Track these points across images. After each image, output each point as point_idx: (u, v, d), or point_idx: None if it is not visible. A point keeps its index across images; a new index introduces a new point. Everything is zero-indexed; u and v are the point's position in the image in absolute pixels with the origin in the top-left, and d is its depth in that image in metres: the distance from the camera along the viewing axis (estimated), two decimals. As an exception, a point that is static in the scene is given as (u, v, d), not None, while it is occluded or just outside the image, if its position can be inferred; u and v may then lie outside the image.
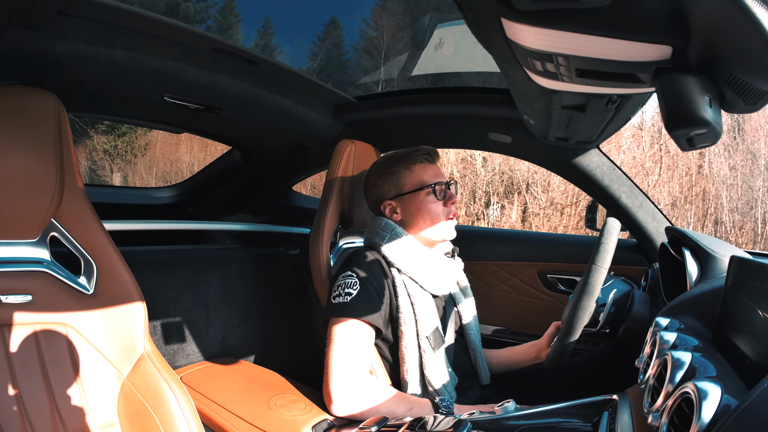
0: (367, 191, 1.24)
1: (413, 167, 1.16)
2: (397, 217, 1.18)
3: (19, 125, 0.81)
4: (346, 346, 1.01)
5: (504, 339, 1.70)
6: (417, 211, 1.15)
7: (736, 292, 0.60)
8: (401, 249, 1.12)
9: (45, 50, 0.94)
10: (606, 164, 1.40)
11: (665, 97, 0.51)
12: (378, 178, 1.19)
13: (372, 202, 1.23)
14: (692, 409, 0.45)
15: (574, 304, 0.95)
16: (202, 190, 2.11)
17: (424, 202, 1.14)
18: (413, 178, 1.16)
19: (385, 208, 1.19)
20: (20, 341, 0.82)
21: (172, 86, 1.20)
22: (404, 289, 1.10)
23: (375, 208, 1.23)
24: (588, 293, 0.94)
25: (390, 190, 1.17)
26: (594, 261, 0.93)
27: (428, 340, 1.08)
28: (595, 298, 0.94)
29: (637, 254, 1.50)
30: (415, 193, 1.15)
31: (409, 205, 1.16)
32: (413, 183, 1.16)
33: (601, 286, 0.94)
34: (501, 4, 0.57)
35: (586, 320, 0.97)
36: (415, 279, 1.11)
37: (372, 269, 1.09)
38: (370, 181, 1.22)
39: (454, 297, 1.23)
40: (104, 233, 0.93)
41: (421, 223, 1.15)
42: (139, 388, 0.89)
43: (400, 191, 1.16)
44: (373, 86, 1.75)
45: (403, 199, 1.16)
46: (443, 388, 1.07)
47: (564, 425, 0.69)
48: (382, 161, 1.21)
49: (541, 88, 0.88)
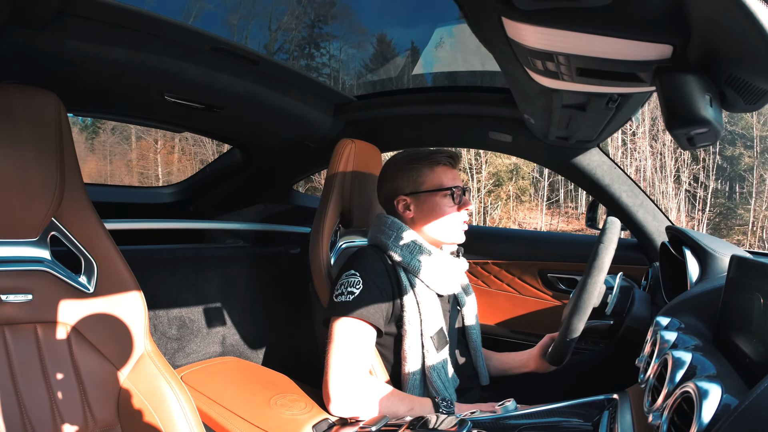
0: (382, 183, 1.22)
1: (435, 168, 1.15)
2: (409, 214, 1.16)
3: (19, 125, 0.81)
4: (347, 345, 1.01)
5: (504, 338, 1.70)
6: (431, 212, 1.14)
7: (737, 292, 0.60)
8: (408, 248, 1.11)
9: (45, 49, 0.94)
10: (606, 163, 1.40)
11: (666, 96, 0.51)
12: (397, 171, 1.17)
13: (385, 195, 1.21)
14: (692, 409, 0.45)
15: (584, 281, 0.94)
16: (203, 189, 2.11)
17: (440, 204, 1.14)
18: (434, 178, 1.15)
19: (398, 203, 1.17)
20: (20, 340, 0.82)
21: (173, 85, 1.20)
22: (410, 289, 1.09)
23: (387, 202, 1.21)
24: (597, 269, 0.92)
25: (407, 185, 1.16)
26: (601, 240, 0.92)
27: (432, 340, 1.07)
28: (604, 275, 0.93)
29: (638, 253, 1.50)
30: (432, 194, 1.14)
31: (424, 203, 1.15)
32: (432, 183, 1.15)
33: (609, 263, 0.92)
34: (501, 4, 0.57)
35: (596, 301, 0.95)
36: (422, 278, 1.10)
37: (376, 268, 1.09)
38: (388, 173, 1.20)
39: (457, 298, 1.23)
40: (105, 232, 0.93)
41: (434, 223, 1.14)
42: (139, 387, 0.89)
43: (418, 189, 1.15)
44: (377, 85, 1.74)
45: (419, 197, 1.15)
46: (444, 389, 1.07)
47: (564, 424, 0.69)
48: (403, 156, 1.20)
49: (542, 87, 0.88)
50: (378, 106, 1.51)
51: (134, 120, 1.76)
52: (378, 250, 1.14)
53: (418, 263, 1.10)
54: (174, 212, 2.17)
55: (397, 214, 1.18)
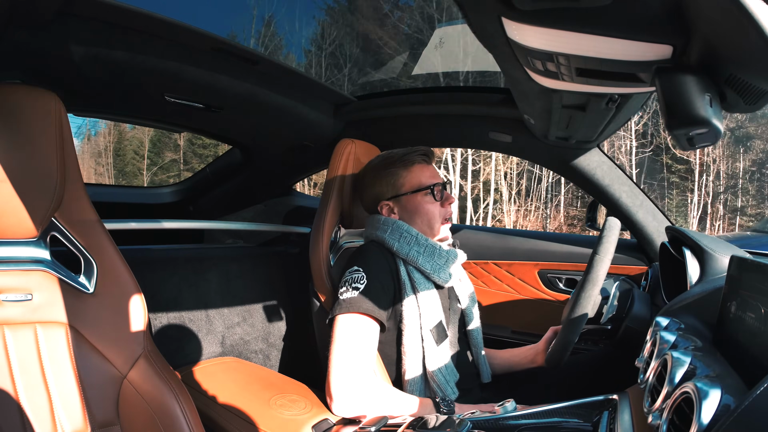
0: (363, 190, 1.24)
1: (411, 168, 1.17)
2: (394, 216, 1.19)
3: (19, 124, 0.81)
4: (351, 341, 1.00)
5: (504, 338, 1.70)
6: (415, 212, 1.16)
7: (737, 292, 0.60)
8: (405, 239, 1.12)
9: (45, 49, 0.94)
10: (606, 164, 1.40)
11: (666, 96, 0.51)
12: (375, 178, 1.20)
13: (368, 202, 1.23)
14: (692, 409, 0.45)
15: (578, 295, 0.95)
16: (203, 189, 2.12)
17: (422, 203, 1.16)
18: (411, 179, 1.17)
19: (382, 209, 1.20)
20: (19, 340, 0.82)
21: (173, 85, 1.20)
22: (408, 281, 1.10)
23: (371, 208, 1.24)
24: (592, 282, 0.93)
25: (387, 190, 1.18)
26: (597, 251, 0.93)
27: (431, 333, 1.07)
28: (598, 288, 0.94)
29: (638, 254, 1.50)
30: (413, 195, 1.16)
31: (407, 205, 1.17)
32: (411, 184, 1.17)
33: (604, 276, 0.94)
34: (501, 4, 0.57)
35: (591, 313, 0.97)
36: (421, 267, 1.10)
37: (378, 262, 1.09)
38: (366, 180, 1.22)
39: (457, 294, 1.24)
40: (104, 232, 0.93)
41: (419, 223, 1.17)
42: (139, 387, 0.89)
43: (398, 192, 1.17)
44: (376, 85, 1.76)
45: (400, 200, 1.18)
46: (445, 383, 1.06)
47: (564, 425, 0.69)
48: (379, 161, 1.21)
49: (542, 87, 0.88)
50: (378, 106, 1.51)
51: (134, 120, 1.77)
52: (378, 246, 1.14)
53: (417, 253, 1.11)
54: (174, 212, 2.17)
55: (384, 216, 1.20)
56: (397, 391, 1.02)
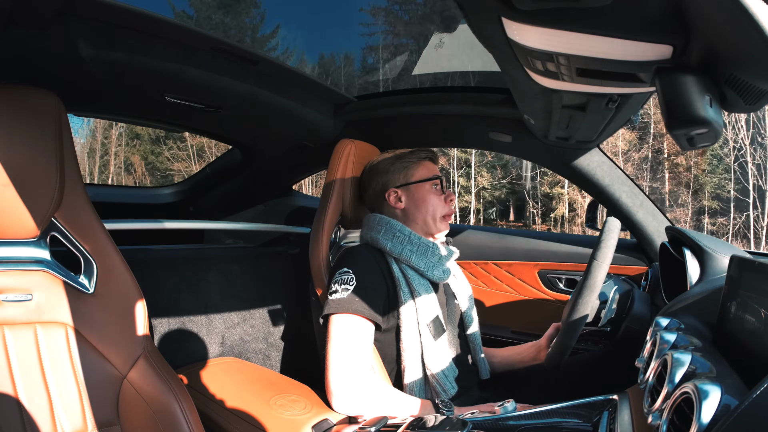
0: (373, 178, 1.28)
1: (422, 162, 1.26)
2: (400, 205, 1.23)
3: (19, 125, 0.81)
4: (345, 341, 1.01)
5: (504, 338, 1.70)
6: (422, 200, 1.22)
7: (737, 292, 0.60)
8: (398, 238, 1.15)
9: (45, 50, 0.94)
10: (606, 164, 1.40)
11: (666, 96, 0.51)
12: (388, 166, 1.26)
13: (376, 189, 1.26)
14: (692, 409, 0.45)
15: (575, 301, 0.95)
16: (203, 189, 2.11)
17: (430, 192, 1.23)
18: (421, 169, 1.25)
19: (389, 196, 1.24)
20: (19, 341, 0.82)
21: (173, 85, 1.20)
22: (403, 278, 1.11)
23: (377, 197, 1.26)
24: (589, 289, 0.94)
25: (398, 178, 1.25)
26: (595, 257, 0.93)
27: (428, 328, 1.08)
28: (596, 294, 0.94)
29: (638, 254, 1.50)
30: (422, 184, 1.23)
31: (415, 193, 1.23)
32: (421, 174, 1.25)
33: (602, 282, 0.94)
34: (502, 4, 0.57)
35: (589, 316, 0.97)
36: (415, 265, 1.12)
37: (369, 263, 1.11)
38: (379, 167, 1.27)
39: (453, 290, 1.24)
40: (104, 233, 0.93)
41: (423, 212, 1.22)
42: (139, 387, 0.89)
43: (408, 180, 1.24)
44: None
45: (409, 188, 1.23)
46: (444, 378, 1.07)
47: (564, 425, 0.69)
48: (390, 154, 1.29)
49: (542, 87, 0.88)
50: (378, 106, 1.51)
51: (134, 120, 1.76)
52: (369, 247, 1.17)
53: (409, 251, 1.13)
54: (174, 212, 2.17)
55: (386, 208, 1.24)
56: (397, 391, 1.03)
